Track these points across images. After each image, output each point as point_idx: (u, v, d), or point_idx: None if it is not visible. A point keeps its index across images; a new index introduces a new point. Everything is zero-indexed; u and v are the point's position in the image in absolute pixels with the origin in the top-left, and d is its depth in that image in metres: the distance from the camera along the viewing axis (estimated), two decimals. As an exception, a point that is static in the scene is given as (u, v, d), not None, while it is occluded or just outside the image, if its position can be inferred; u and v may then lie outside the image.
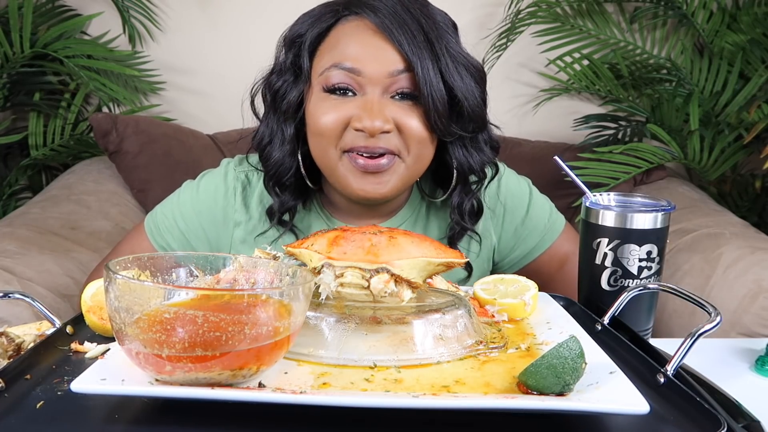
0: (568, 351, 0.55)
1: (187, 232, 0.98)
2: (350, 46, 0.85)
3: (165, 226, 0.99)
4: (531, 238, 1.04)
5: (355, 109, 0.84)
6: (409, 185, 0.92)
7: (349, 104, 0.85)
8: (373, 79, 0.84)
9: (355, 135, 0.84)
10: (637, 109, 1.88)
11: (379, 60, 0.84)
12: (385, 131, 0.84)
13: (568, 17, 1.94)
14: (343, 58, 0.84)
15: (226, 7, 1.95)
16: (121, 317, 0.54)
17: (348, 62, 0.84)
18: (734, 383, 0.68)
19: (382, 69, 0.84)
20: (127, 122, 1.62)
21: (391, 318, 0.68)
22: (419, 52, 0.83)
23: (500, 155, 1.90)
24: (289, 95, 0.90)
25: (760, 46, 1.79)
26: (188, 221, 0.98)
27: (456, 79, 0.85)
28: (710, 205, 1.56)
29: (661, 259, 0.83)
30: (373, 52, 0.84)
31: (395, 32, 0.83)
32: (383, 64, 0.84)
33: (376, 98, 0.84)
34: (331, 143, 0.86)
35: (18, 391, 0.57)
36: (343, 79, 0.85)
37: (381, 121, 0.83)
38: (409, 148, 0.86)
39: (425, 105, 0.84)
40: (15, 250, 1.25)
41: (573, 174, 0.89)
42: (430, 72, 0.83)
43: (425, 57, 0.83)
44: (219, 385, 0.54)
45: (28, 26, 1.72)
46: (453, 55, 0.86)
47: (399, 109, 0.85)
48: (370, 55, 0.84)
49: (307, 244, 0.69)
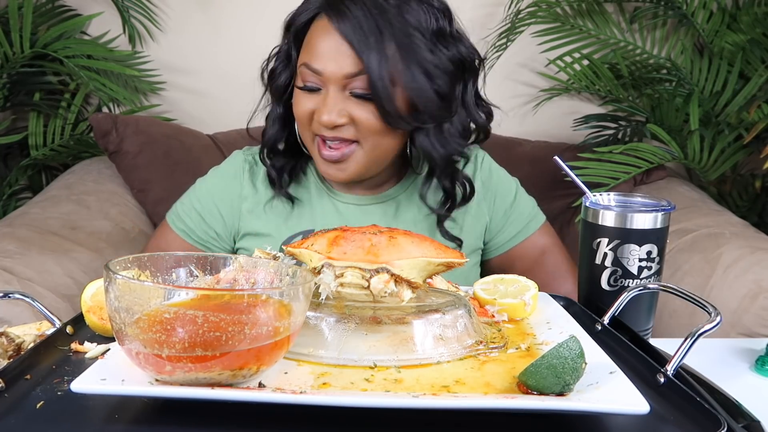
0: (568, 351, 0.55)
1: (203, 212, 1.09)
2: (317, 47, 0.95)
3: (183, 211, 1.10)
4: (518, 222, 1.14)
5: (317, 104, 0.96)
6: (374, 168, 1.02)
7: (315, 99, 0.97)
8: (331, 79, 0.94)
9: (320, 125, 0.96)
10: (637, 109, 1.88)
11: (338, 62, 0.93)
12: (339, 125, 0.95)
13: (568, 17, 1.94)
14: (310, 59, 0.95)
15: (226, 7, 1.95)
16: (121, 317, 0.54)
17: (314, 63, 0.95)
18: (734, 383, 0.68)
19: (339, 71, 0.94)
20: (127, 122, 1.62)
21: (391, 318, 0.68)
22: (371, 57, 0.91)
23: (500, 155, 1.90)
24: (278, 79, 1.03)
25: (760, 46, 1.79)
26: (203, 202, 1.09)
27: (407, 80, 0.93)
28: (710, 205, 1.56)
29: (661, 259, 0.83)
30: (333, 55, 0.93)
31: (354, 38, 0.92)
32: (341, 67, 0.93)
33: (334, 95, 0.95)
34: (306, 128, 0.99)
35: (18, 391, 0.57)
36: (310, 78, 0.96)
37: (335, 115, 0.94)
38: (365, 138, 0.97)
39: (377, 104, 0.93)
40: (15, 250, 1.25)
41: (573, 174, 0.89)
42: (382, 75, 0.92)
43: (376, 61, 0.91)
44: (219, 385, 0.54)
45: (28, 26, 1.72)
46: (407, 57, 0.93)
47: (355, 104, 0.95)
48: (331, 58, 0.94)
49: (307, 244, 0.70)
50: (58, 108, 1.87)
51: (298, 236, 1.05)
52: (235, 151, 1.15)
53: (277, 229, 1.07)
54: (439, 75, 0.96)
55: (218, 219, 1.09)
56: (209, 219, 1.09)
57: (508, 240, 1.14)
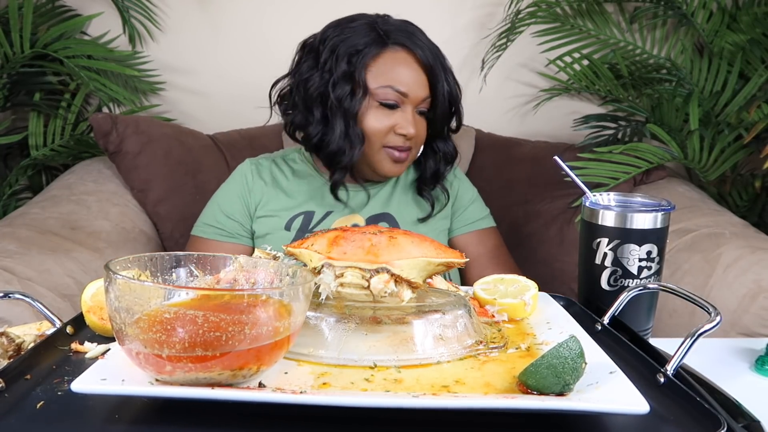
0: (568, 351, 0.55)
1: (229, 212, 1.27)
2: (402, 73, 1.17)
3: (209, 219, 1.28)
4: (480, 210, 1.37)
5: (399, 120, 1.18)
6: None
7: (395, 115, 1.18)
8: (413, 100, 1.19)
9: (396, 138, 1.19)
10: (637, 109, 1.88)
11: (420, 87, 1.18)
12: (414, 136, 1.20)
13: (568, 17, 1.94)
14: (396, 83, 1.16)
15: (226, 7, 1.95)
16: (121, 317, 0.54)
17: (400, 86, 1.17)
18: (734, 383, 0.68)
19: (420, 95, 1.19)
20: (127, 122, 1.62)
21: (391, 318, 0.68)
22: (440, 82, 1.19)
23: (500, 155, 1.92)
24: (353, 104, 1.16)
25: (760, 46, 1.79)
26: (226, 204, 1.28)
27: (455, 94, 1.23)
28: (710, 205, 1.56)
29: (661, 259, 0.83)
30: (416, 80, 1.18)
31: (431, 67, 1.18)
32: (422, 91, 1.19)
33: (412, 113, 1.19)
34: (378, 140, 1.19)
35: (18, 391, 0.57)
36: (394, 98, 1.17)
37: (414, 129, 1.18)
38: (416, 145, 1.23)
39: (435, 118, 1.22)
40: (15, 250, 1.25)
41: (573, 174, 0.89)
42: (444, 96, 1.20)
43: (442, 85, 1.19)
44: (219, 385, 0.54)
45: (28, 26, 1.71)
46: (452, 75, 1.22)
47: (419, 120, 1.21)
48: (413, 83, 1.17)
49: (307, 244, 0.70)
50: (58, 108, 1.87)
51: (300, 215, 1.24)
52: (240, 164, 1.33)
53: (282, 210, 1.25)
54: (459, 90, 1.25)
55: (242, 212, 1.27)
56: (235, 215, 1.27)
57: (469, 223, 1.35)
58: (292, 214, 1.24)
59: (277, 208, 1.25)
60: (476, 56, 1.94)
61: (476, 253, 1.33)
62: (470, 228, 1.34)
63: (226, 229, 1.27)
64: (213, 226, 1.27)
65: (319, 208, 1.25)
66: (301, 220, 1.23)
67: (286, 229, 1.23)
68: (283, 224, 1.23)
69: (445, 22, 1.97)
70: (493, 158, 1.77)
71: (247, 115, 1.77)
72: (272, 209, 1.25)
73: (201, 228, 1.29)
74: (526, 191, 1.71)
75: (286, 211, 1.25)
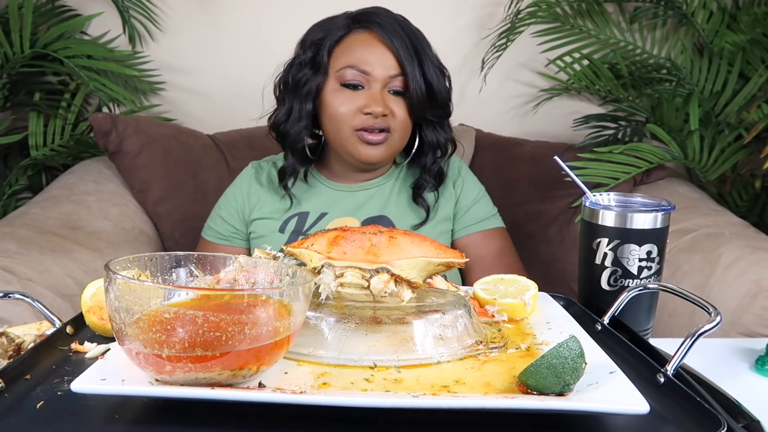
0: (568, 351, 0.55)
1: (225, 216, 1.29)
2: (363, 53, 1.16)
3: (211, 223, 1.31)
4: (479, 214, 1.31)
5: (365, 100, 1.15)
6: (395, 154, 1.24)
7: (360, 96, 1.16)
8: (377, 79, 1.15)
9: (365, 118, 1.15)
10: (637, 109, 1.88)
11: (383, 65, 1.15)
12: (384, 115, 1.15)
13: (568, 17, 1.94)
14: (357, 62, 1.15)
15: (226, 7, 1.95)
16: (121, 317, 0.54)
17: (362, 65, 1.15)
18: (734, 383, 0.68)
19: (384, 72, 1.15)
20: (127, 122, 1.62)
21: (391, 318, 0.68)
22: (410, 60, 1.15)
23: (500, 155, 1.91)
24: (310, 84, 1.18)
25: (760, 46, 1.79)
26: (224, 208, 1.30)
27: (433, 78, 1.17)
28: (710, 205, 1.56)
29: (661, 259, 0.83)
30: (379, 59, 1.15)
31: (395, 44, 1.15)
32: (386, 69, 1.15)
33: (379, 91, 1.15)
34: (346, 123, 1.16)
35: (18, 391, 0.57)
36: (356, 77, 1.15)
37: (383, 107, 1.14)
38: (396, 128, 1.18)
39: (411, 100, 1.16)
40: (15, 250, 1.25)
41: (573, 174, 0.89)
42: (417, 75, 1.15)
43: (414, 64, 1.15)
44: (219, 385, 0.54)
45: (28, 26, 1.71)
46: (431, 60, 1.18)
47: (392, 100, 1.17)
48: (377, 61, 1.15)
49: (307, 244, 0.70)
50: (58, 108, 1.87)
51: (294, 217, 1.24)
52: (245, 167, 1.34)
53: (277, 212, 1.25)
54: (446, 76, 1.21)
55: (235, 216, 1.28)
56: (228, 218, 1.29)
57: (473, 224, 1.30)
58: (286, 216, 1.24)
59: (272, 211, 1.26)
60: (476, 56, 1.94)
61: (478, 255, 1.27)
62: (473, 229, 1.29)
63: (221, 231, 1.29)
64: (212, 228, 1.30)
65: (314, 210, 1.24)
66: (296, 222, 1.23)
67: (281, 231, 1.23)
68: (278, 227, 1.23)
69: (445, 22, 1.97)
70: (493, 158, 1.77)
71: (247, 115, 1.77)
72: (267, 212, 1.26)
73: (204, 229, 1.33)
74: (526, 191, 1.71)
75: (280, 213, 1.25)
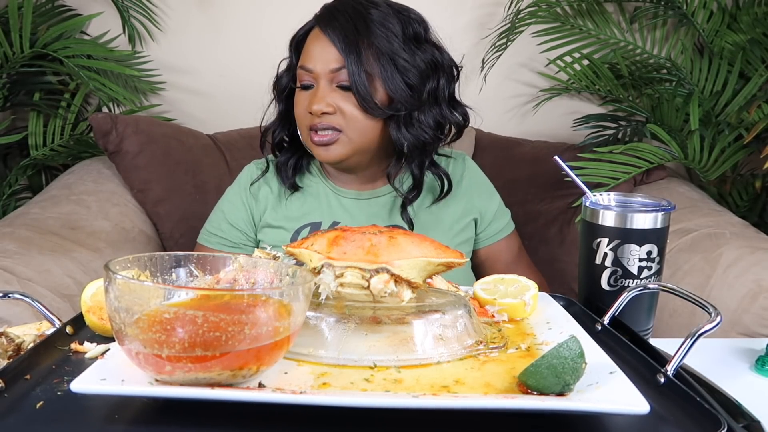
0: (568, 351, 0.55)
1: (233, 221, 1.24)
2: (309, 50, 1.12)
3: (214, 228, 1.25)
4: (503, 220, 1.30)
5: (310, 98, 1.11)
6: (360, 153, 1.14)
7: (309, 95, 1.12)
8: (319, 74, 1.10)
9: (311, 117, 1.11)
10: (637, 109, 1.88)
11: (323, 60, 1.09)
12: (327, 113, 1.09)
13: (568, 17, 1.94)
14: (304, 60, 1.12)
15: (226, 7, 1.95)
16: (121, 317, 0.54)
17: (307, 63, 1.11)
18: (734, 383, 0.68)
19: (325, 66, 1.09)
20: (127, 122, 1.62)
21: (391, 318, 0.68)
22: (347, 51, 1.07)
23: (500, 155, 1.88)
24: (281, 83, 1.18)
25: (760, 46, 1.79)
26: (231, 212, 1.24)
27: (375, 69, 1.08)
28: (710, 205, 1.56)
29: (661, 259, 0.83)
30: (320, 53, 1.10)
31: (336, 39, 1.08)
32: (326, 63, 1.09)
33: (323, 88, 1.10)
34: (303, 125, 1.14)
35: (18, 391, 0.57)
36: (305, 77, 1.12)
37: (322, 105, 1.08)
38: (347, 125, 1.10)
39: (354, 93, 1.08)
40: (15, 250, 1.25)
41: (573, 174, 0.89)
42: (359, 68, 1.07)
43: (355, 57, 1.07)
44: (219, 385, 0.54)
45: (28, 26, 1.71)
46: (381, 53, 1.09)
47: (340, 96, 1.09)
48: (318, 57, 1.10)
49: (307, 244, 0.70)
50: (58, 108, 1.87)
51: (307, 227, 1.19)
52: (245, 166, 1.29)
53: (288, 222, 1.20)
54: (410, 69, 1.10)
55: (246, 221, 1.24)
56: (239, 224, 1.24)
57: (496, 233, 1.29)
58: (298, 225, 1.19)
59: (283, 219, 1.21)
60: (476, 56, 1.94)
61: (507, 261, 1.29)
62: (499, 237, 1.29)
63: (231, 239, 1.23)
64: (217, 236, 1.24)
65: (326, 218, 1.20)
66: (308, 233, 1.18)
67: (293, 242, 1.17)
68: (289, 237, 1.18)
69: (445, 22, 1.96)
70: (493, 158, 1.77)
71: (247, 115, 1.77)
72: (277, 219, 1.21)
73: (206, 237, 1.26)
74: (526, 191, 1.71)
75: (292, 221, 1.20)
